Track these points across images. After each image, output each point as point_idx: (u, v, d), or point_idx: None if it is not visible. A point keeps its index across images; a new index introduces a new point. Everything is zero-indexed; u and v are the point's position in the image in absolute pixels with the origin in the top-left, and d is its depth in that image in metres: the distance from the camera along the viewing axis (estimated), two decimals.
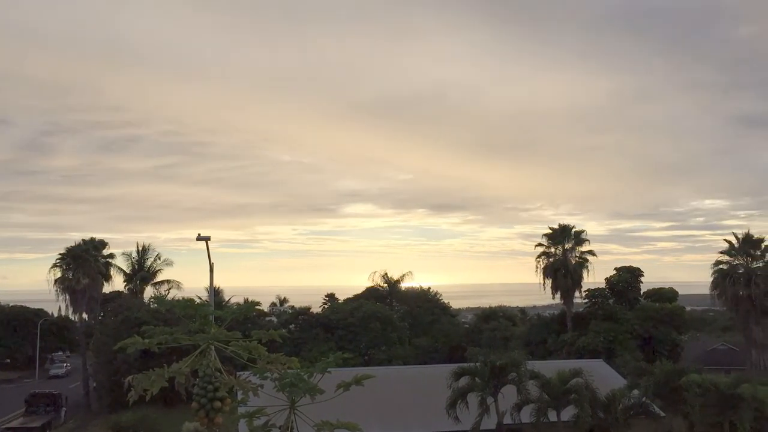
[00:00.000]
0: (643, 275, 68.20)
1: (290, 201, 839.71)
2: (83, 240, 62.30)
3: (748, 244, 57.46)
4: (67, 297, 60.21)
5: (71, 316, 74.24)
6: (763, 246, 57.28)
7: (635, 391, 32.11)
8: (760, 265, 57.01)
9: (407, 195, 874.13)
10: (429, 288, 79.89)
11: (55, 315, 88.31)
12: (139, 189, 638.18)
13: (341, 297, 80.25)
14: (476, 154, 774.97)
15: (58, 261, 60.56)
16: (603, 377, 36.10)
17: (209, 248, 29.75)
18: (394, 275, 77.08)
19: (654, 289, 72.65)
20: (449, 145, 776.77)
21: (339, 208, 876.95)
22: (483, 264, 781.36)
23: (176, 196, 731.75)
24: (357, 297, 75.42)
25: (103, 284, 63.01)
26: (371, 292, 76.08)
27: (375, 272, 77.16)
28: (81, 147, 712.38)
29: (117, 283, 66.16)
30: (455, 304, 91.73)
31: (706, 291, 60.92)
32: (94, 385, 57.99)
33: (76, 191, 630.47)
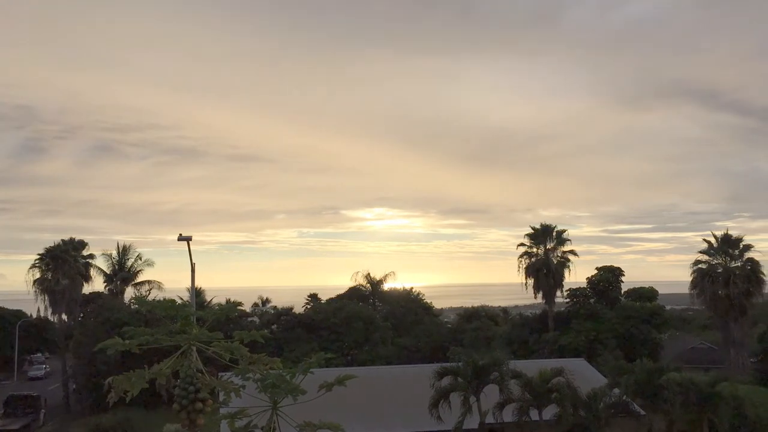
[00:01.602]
0: (624, 275, 68.69)
1: (296, 203, 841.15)
2: (62, 240, 61.65)
3: (726, 243, 57.99)
4: (47, 298, 59.53)
5: (50, 317, 73.41)
6: (741, 245, 57.85)
7: (616, 390, 32.32)
8: (739, 264, 57.57)
9: (414, 200, 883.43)
10: (411, 288, 79.88)
11: (34, 316, 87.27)
12: (144, 191, 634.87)
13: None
14: (479, 163, 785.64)
15: (36, 261, 59.88)
16: (584, 376, 36.31)
17: (191, 249, 29.62)
18: (377, 275, 77.02)
19: (634, 289, 73.16)
20: (455, 154, 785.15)
21: (346, 212, 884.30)
22: (485, 264, 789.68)
23: (187, 199, 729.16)
24: (339, 297, 75.13)
25: (82, 285, 62.40)
26: (353, 292, 75.89)
27: (357, 272, 77.07)
28: (80, 148, 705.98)
29: (97, 284, 65.58)
30: (446, 303, 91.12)
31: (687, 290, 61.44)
32: (74, 386, 57.40)
33: (76, 193, 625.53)
